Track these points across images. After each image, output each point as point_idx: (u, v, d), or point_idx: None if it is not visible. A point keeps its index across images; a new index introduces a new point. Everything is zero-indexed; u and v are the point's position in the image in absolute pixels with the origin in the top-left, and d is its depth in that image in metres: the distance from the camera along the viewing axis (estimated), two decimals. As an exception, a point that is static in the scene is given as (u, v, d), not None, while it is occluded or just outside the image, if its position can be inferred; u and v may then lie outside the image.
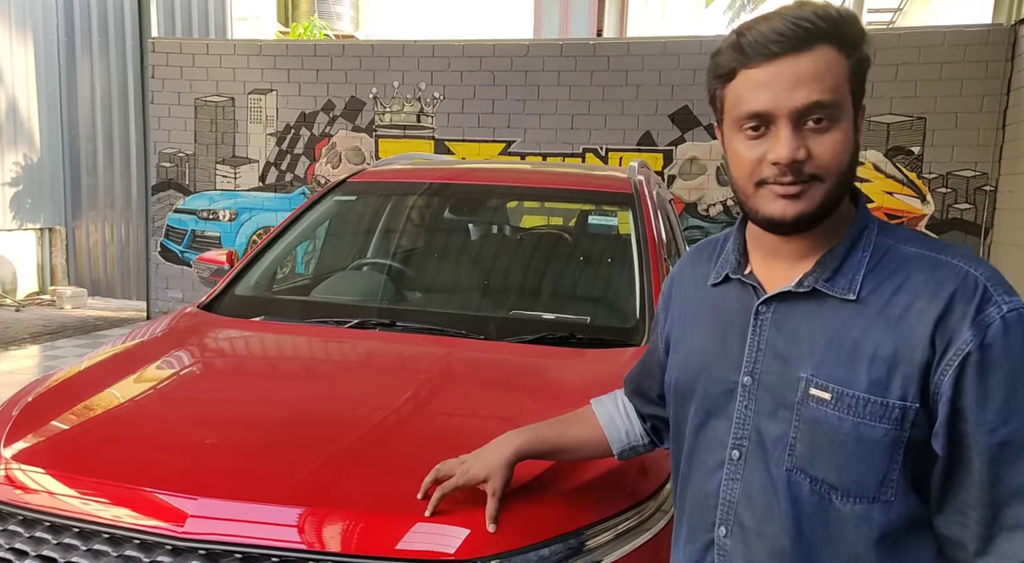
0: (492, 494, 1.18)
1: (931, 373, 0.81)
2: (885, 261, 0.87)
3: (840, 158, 0.84)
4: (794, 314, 0.88)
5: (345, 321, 2.08)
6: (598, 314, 2.25)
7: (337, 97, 6.11)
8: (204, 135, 6.41)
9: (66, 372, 1.81)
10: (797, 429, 0.87)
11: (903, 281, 0.84)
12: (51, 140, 7.98)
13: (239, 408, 1.66)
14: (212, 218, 6.53)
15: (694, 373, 0.98)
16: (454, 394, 1.73)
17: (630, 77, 5.61)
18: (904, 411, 0.81)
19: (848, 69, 0.84)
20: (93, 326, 6.84)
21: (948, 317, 0.80)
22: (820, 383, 0.85)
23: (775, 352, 0.89)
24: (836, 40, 0.83)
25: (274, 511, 1.23)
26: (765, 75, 0.83)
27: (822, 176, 0.84)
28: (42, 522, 1.28)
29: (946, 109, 5.09)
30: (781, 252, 0.91)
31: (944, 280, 0.82)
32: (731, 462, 0.92)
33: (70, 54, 8.02)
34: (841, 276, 0.86)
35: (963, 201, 5.16)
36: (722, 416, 0.94)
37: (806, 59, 0.82)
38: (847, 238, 0.88)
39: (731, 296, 0.96)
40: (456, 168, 2.99)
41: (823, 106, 0.82)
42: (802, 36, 0.81)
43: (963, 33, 5.06)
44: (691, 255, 1.08)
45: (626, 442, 1.19)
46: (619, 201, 2.59)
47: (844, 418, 0.83)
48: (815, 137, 0.83)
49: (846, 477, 0.84)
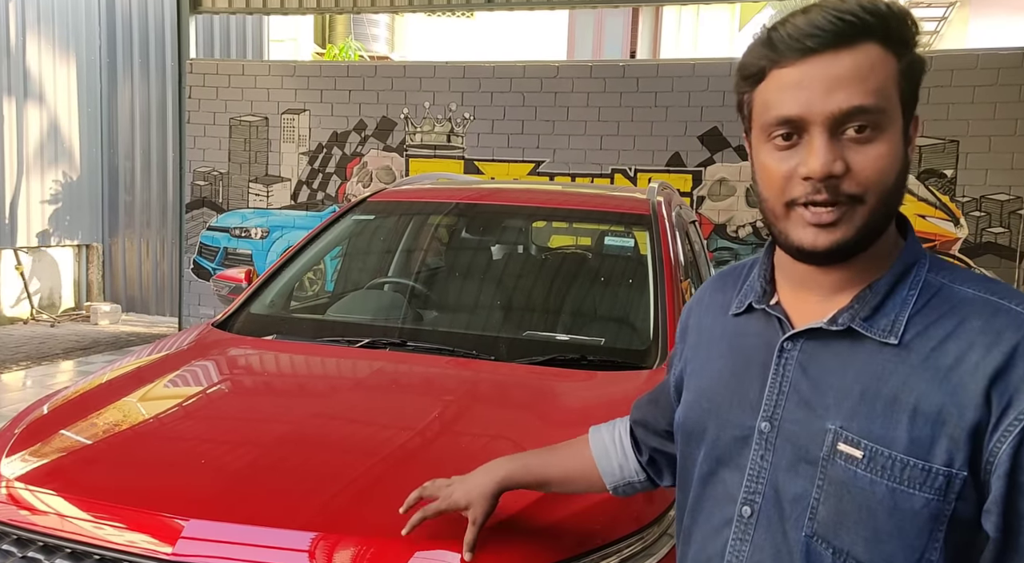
0: (472, 523, 1.12)
1: (985, 438, 0.69)
2: (935, 302, 0.74)
3: (885, 174, 0.72)
4: (824, 355, 0.77)
5: (356, 341, 2.07)
6: (611, 336, 2.23)
7: (369, 117, 6.21)
8: (238, 154, 6.54)
9: (73, 390, 1.82)
10: (821, 489, 0.75)
11: (955, 327, 0.72)
12: (91, 158, 8.20)
13: (238, 428, 1.65)
14: (244, 236, 6.64)
15: (704, 413, 0.87)
16: (459, 416, 1.71)
17: (659, 98, 5.63)
18: (949, 479, 0.69)
19: (897, 71, 0.72)
20: (125, 342, 6.97)
21: (1009, 373, 0.68)
22: (851, 438, 0.73)
23: (800, 397, 0.78)
24: (884, 37, 0.71)
25: (266, 533, 1.22)
26: (798, 74, 0.71)
27: (863, 196, 0.72)
28: (35, 542, 1.28)
29: (979, 132, 5.03)
30: (813, 283, 0.79)
31: (1005, 329, 0.70)
32: (740, 520, 0.81)
33: (111, 74, 8.27)
34: (882, 315, 0.75)
35: (997, 225, 5.07)
36: (734, 466, 0.82)
37: (847, 57, 0.70)
38: (892, 272, 0.76)
39: (753, 328, 0.84)
40: (475, 188, 3.01)
41: (865, 111, 0.70)
42: (844, 31, 0.70)
43: (996, 56, 5.00)
44: (714, 281, 0.97)
45: (620, 477, 1.09)
46: (637, 222, 2.58)
47: (877, 481, 0.71)
48: (856, 148, 0.71)
49: (875, 553, 0.72)
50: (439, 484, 1.18)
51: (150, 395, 1.78)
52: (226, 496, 1.31)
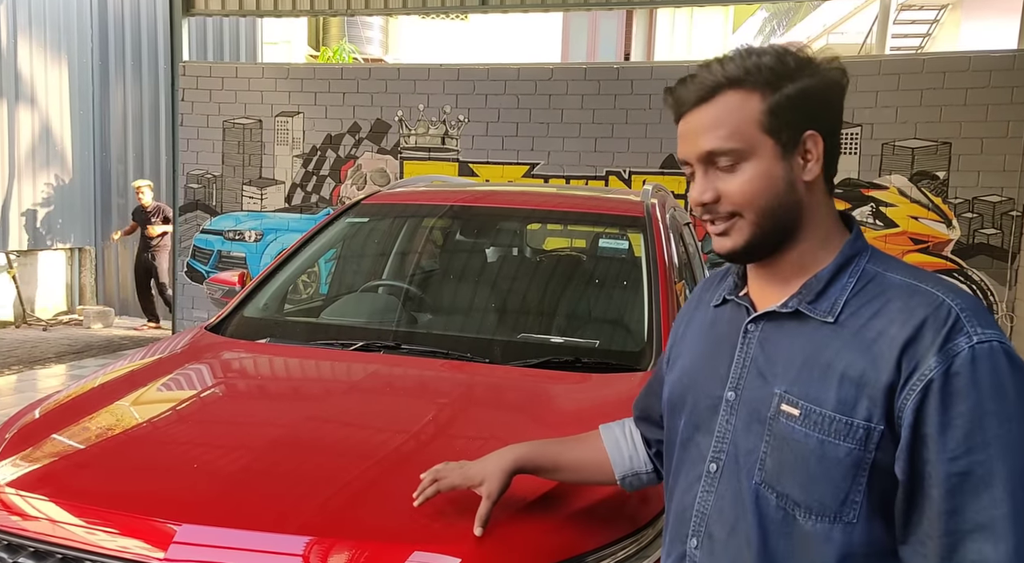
0: (487, 497, 1.19)
1: (895, 397, 0.82)
2: (869, 287, 0.88)
3: (752, 193, 0.88)
4: (777, 333, 0.92)
5: (350, 344, 2.06)
6: (606, 338, 2.23)
7: (363, 120, 6.20)
8: (231, 157, 6.52)
9: (65, 394, 1.81)
10: (768, 444, 0.89)
11: (881, 307, 0.86)
12: (83, 161, 8.17)
13: (231, 432, 1.64)
14: (238, 239, 6.62)
15: (685, 388, 1.01)
16: (454, 419, 1.71)
17: (653, 101, 5.64)
18: (868, 432, 0.83)
19: (764, 108, 0.87)
20: (118, 345, 6.94)
21: (916, 343, 0.82)
22: (791, 399, 0.87)
23: (757, 369, 0.92)
24: (740, 84, 0.88)
25: (260, 538, 1.21)
26: (683, 127, 0.92)
27: (739, 211, 0.89)
28: (26, 547, 1.27)
29: (971, 134, 5.05)
30: (764, 275, 0.95)
31: (917, 307, 0.84)
32: (708, 475, 0.95)
33: (104, 77, 8.24)
34: (824, 299, 0.89)
35: (989, 226, 5.10)
36: (706, 430, 0.96)
37: (708, 110, 0.89)
38: (834, 263, 0.91)
39: (727, 316, 1.00)
40: (469, 191, 3.00)
41: (719, 152, 0.88)
42: (704, 89, 0.89)
43: (988, 58, 5.03)
44: (705, 281, 1.13)
45: (629, 467, 1.19)
46: (631, 224, 2.58)
47: (810, 434, 0.85)
48: (723, 178, 0.89)
49: (809, 494, 0.85)
50: (451, 465, 1.24)
51: (143, 399, 1.77)
52: (219, 500, 1.30)
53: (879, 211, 5.28)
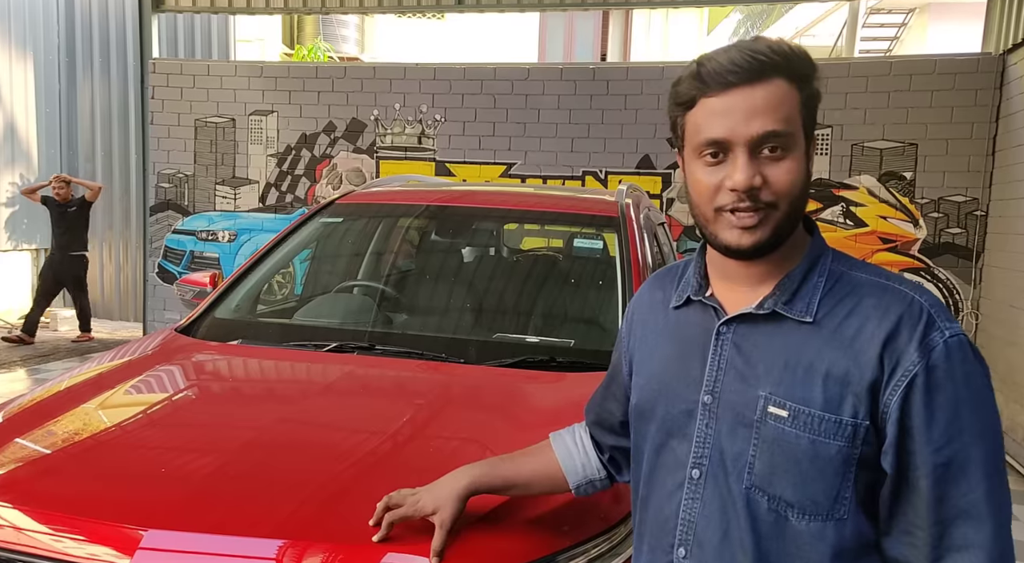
0: (440, 526, 1.16)
1: (880, 393, 0.84)
2: (839, 286, 0.90)
3: (794, 185, 0.87)
4: (754, 335, 0.91)
5: (323, 345, 2.05)
6: (581, 337, 2.23)
7: (338, 119, 6.16)
8: (204, 156, 6.44)
9: (29, 398, 1.77)
10: (756, 447, 0.88)
11: (855, 305, 0.88)
12: (49, 160, 8.01)
13: (201, 435, 1.61)
14: (211, 239, 6.54)
15: (654, 394, 0.99)
16: (429, 420, 1.70)
17: (629, 101, 5.68)
18: (855, 428, 0.84)
19: (800, 102, 0.87)
20: (87, 348, 6.81)
21: (896, 339, 0.84)
22: (778, 401, 0.87)
23: (736, 371, 0.91)
24: (788, 73, 0.86)
25: (230, 542, 1.20)
26: (723, 104, 0.86)
27: (777, 203, 0.87)
28: None
29: (937, 136, 5.16)
30: (740, 276, 0.93)
31: (891, 304, 0.86)
32: (691, 481, 0.93)
33: (71, 74, 8.09)
34: (799, 299, 0.89)
35: (955, 226, 5.21)
36: (682, 436, 0.95)
37: (761, 90, 0.85)
38: (804, 263, 0.91)
39: (692, 318, 0.98)
40: (444, 191, 2.99)
41: (777, 135, 0.85)
42: (757, 68, 0.85)
43: (953, 62, 5.14)
44: (652, 281, 1.10)
45: (582, 476, 1.18)
46: (606, 224, 2.58)
47: (801, 435, 0.85)
48: (770, 165, 0.86)
49: (802, 494, 0.86)
50: (404, 493, 1.21)
51: (110, 402, 1.74)
52: (188, 505, 1.29)
53: (849, 211, 5.37)
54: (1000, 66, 5.00)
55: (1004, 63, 4.99)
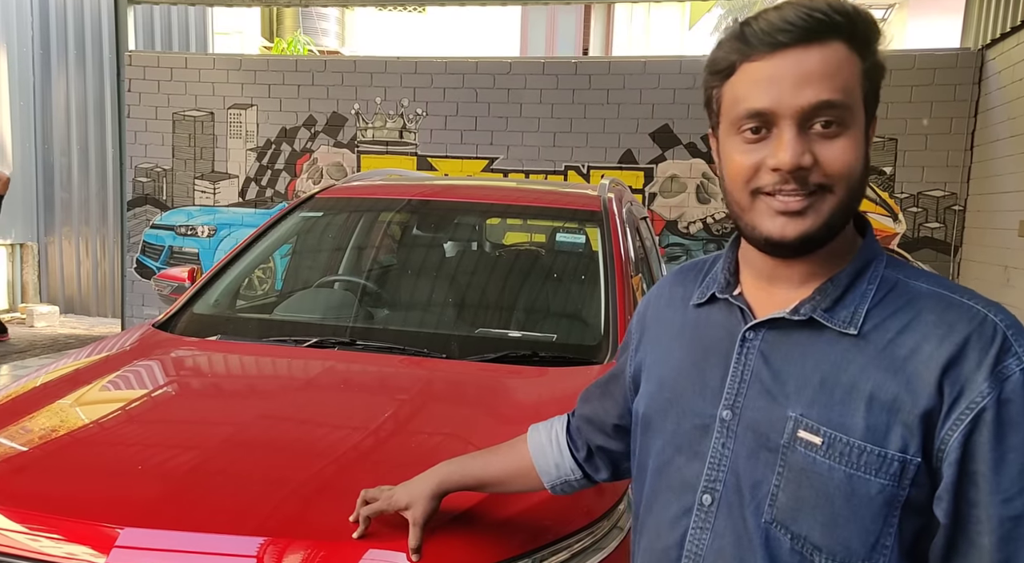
0: (413, 523, 1.13)
1: (937, 427, 0.70)
2: (892, 296, 0.76)
3: (851, 167, 0.73)
4: (786, 345, 0.78)
5: (303, 340, 2.02)
6: (563, 332, 2.23)
7: (319, 112, 6.10)
8: (182, 150, 6.35)
9: (4, 394, 1.74)
10: (781, 476, 0.76)
11: (911, 319, 0.74)
12: (24, 154, 7.86)
13: (180, 431, 1.59)
14: (190, 234, 6.45)
15: (665, 404, 0.87)
16: (411, 415, 1.69)
17: (612, 96, 5.68)
18: (904, 465, 0.71)
19: (861, 71, 0.74)
20: (63, 344, 6.71)
21: (960, 364, 0.70)
22: (810, 425, 0.74)
23: (761, 386, 0.78)
24: (850, 37, 0.73)
25: (209, 540, 1.18)
26: (769, 69, 0.73)
27: (831, 186, 0.73)
28: None
29: (917, 131, 5.21)
30: (777, 276, 0.80)
31: (957, 322, 0.72)
32: (701, 508, 0.81)
33: (45, 66, 7.94)
34: (843, 307, 0.76)
35: (933, 220, 5.27)
36: (692, 454, 0.82)
37: (816, 53, 0.72)
38: (853, 266, 0.78)
39: (715, 319, 0.85)
40: (426, 185, 2.97)
41: (833, 106, 0.72)
42: (813, 27, 0.72)
43: (932, 57, 5.19)
44: (674, 275, 0.97)
45: (556, 475, 1.09)
46: (588, 218, 2.58)
47: (835, 468, 0.73)
48: (823, 142, 0.73)
49: (832, 537, 0.73)
50: (382, 488, 1.20)
51: (86, 399, 1.71)
52: (165, 502, 1.27)
53: (830, 205, 5.41)
54: (979, 61, 5.06)
55: (983, 58, 5.04)
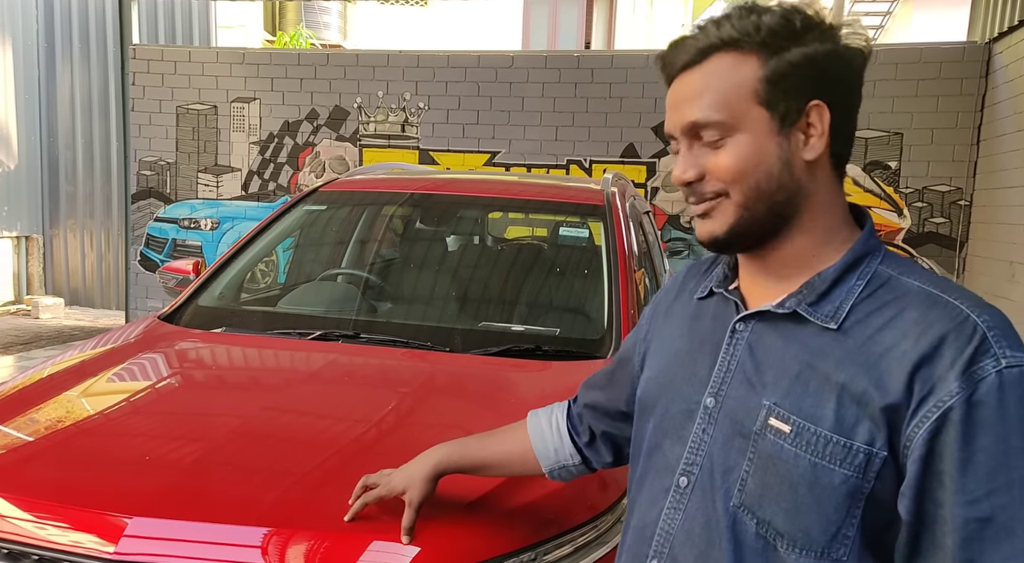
0: (408, 505, 1.15)
1: (903, 423, 0.71)
2: (881, 292, 0.76)
3: (741, 172, 0.77)
4: (770, 336, 0.80)
5: (308, 333, 2.04)
6: (566, 326, 2.23)
7: (321, 106, 6.10)
8: (186, 143, 6.36)
9: (11, 385, 1.75)
10: (751, 462, 0.78)
11: (894, 316, 0.74)
12: (29, 147, 7.88)
13: (185, 423, 1.60)
14: (193, 227, 6.47)
15: (659, 389, 0.91)
16: (414, 408, 1.70)
17: (614, 89, 5.66)
18: (869, 457, 0.72)
19: (762, 74, 0.76)
20: (69, 336, 6.74)
21: (933, 362, 0.70)
22: (782, 413, 0.76)
23: (744, 375, 0.81)
24: (735, 45, 0.76)
25: (216, 530, 1.19)
26: (670, 96, 0.82)
27: (727, 191, 0.78)
28: None
29: (922, 125, 5.18)
30: (753, 270, 0.85)
31: (937, 321, 0.72)
32: (677, 490, 0.84)
33: (50, 60, 7.94)
34: (827, 302, 0.78)
35: (939, 215, 5.25)
36: (676, 438, 0.86)
37: (696, 74, 0.78)
38: (842, 262, 0.79)
39: (712, 311, 0.89)
40: (429, 178, 2.97)
41: (704, 125, 0.77)
42: (693, 51, 0.78)
43: (939, 50, 5.16)
44: (688, 269, 1.01)
45: (555, 461, 1.11)
46: (591, 212, 2.58)
47: (801, 456, 0.74)
48: (710, 153, 0.78)
49: (794, 524, 0.75)
50: (382, 473, 1.21)
51: (93, 390, 1.72)
52: (172, 492, 1.28)
53: (833, 200, 5.39)
54: (986, 55, 5.03)
55: (990, 52, 5.01)
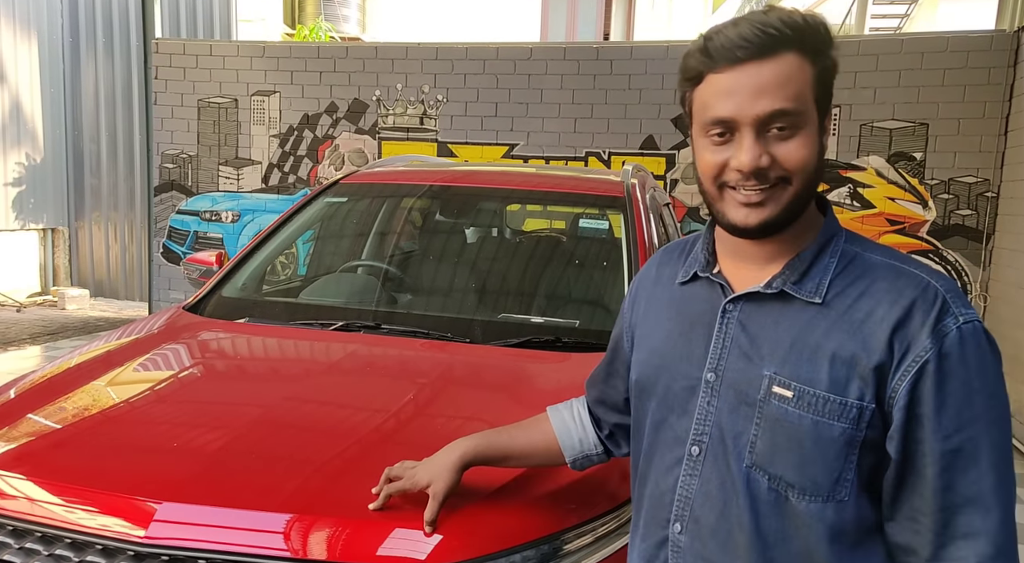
0: (433, 497, 1.17)
1: (888, 378, 0.83)
2: (851, 267, 0.88)
3: (806, 162, 0.85)
4: (760, 314, 0.90)
5: (329, 324, 2.05)
6: (586, 317, 2.23)
7: (340, 99, 6.12)
8: (207, 136, 6.41)
9: (40, 374, 1.78)
10: (759, 426, 0.88)
11: (867, 287, 0.86)
12: (55, 140, 7.99)
13: (211, 411, 1.63)
14: (215, 219, 6.53)
15: (655, 369, 0.98)
16: (434, 398, 1.71)
17: (633, 81, 5.62)
18: (860, 411, 0.83)
19: (813, 76, 0.85)
20: (94, 327, 6.85)
21: (907, 324, 0.83)
22: (783, 381, 0.86)
23: (740, 350, 0.90)
24: (800, 46, 0.84)
25: (238, 515, 1.21)
26: (730, 81, 0.84)
27: (789, 178, 0.85)
28: (4, 526, 1.26)
29: (948, 115, 5.09)
30: (748, 254, 0.92)
31: (905, 288, 0.85)
32: (690, 458, 0.93)
33: (74, 54, 8.04)
34: (809, 280, 0.88)
35: (965, 207, 5.16)
36: (683, 413, 0.94)
37: (769, 66, 0.83)
38: (816, 243, 0.90)
39: (698, 294, 0.97)
40: (449, 171, 2.97)
41: (785, 114, 0.83)
42: (766, 43, 0.83)
43: (966, 39, 5.06)
44: (660, 255, 1.09)
45: (579, 450, 1.18)
46: (611, 204, 2.57)
47: (804, 416, 0.85)
48: (779, 143, 0.85)
49: (803, 475, 0.85)
50: (405, 465, 1.22)
51: (120, 378, 1.75)
52: (200, 479, 1.30)
53: (856, 192, 5.32)
54: (1014, 44, 4.92)
55: (1018, 41, 4.91)
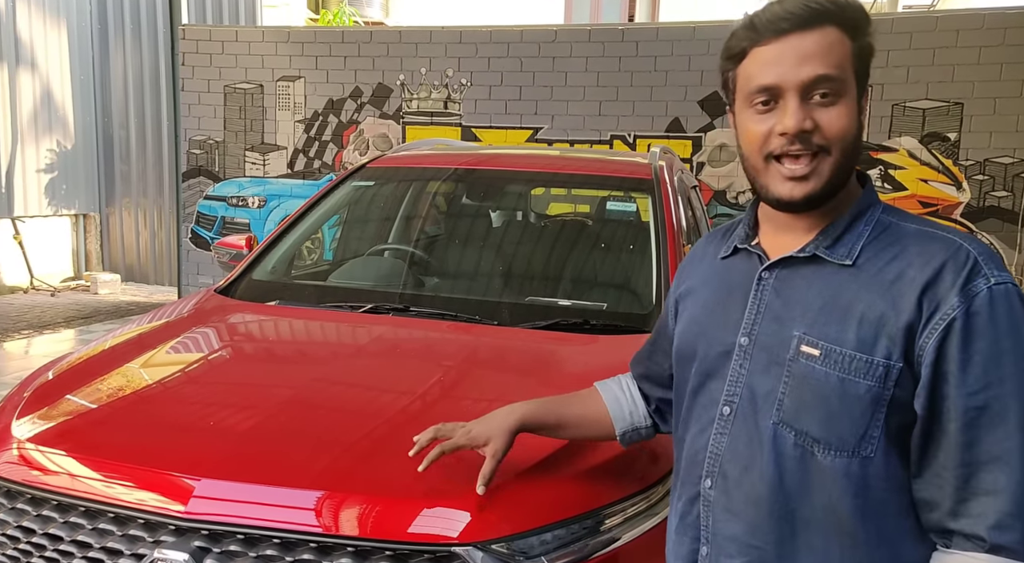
0: (491, 456, 1.19)
1: (916, 336, 0.85)
2: (885, 235, 0.91)
3: (846, 130, 0.88)
4: (794, 279, 0.93)
5: (359, 306, 2.08)
6: (614, 300, 2.23)
7: (365, 84, 6.13)
8: (233, 122, 6.47)
9: (78, 355, 1.82)
10: (787, 384, 0.90)
11: (899, 252, 0.89)
12: (85, 127, 8.11)
13: (245, 391, 1.66)
14: (241, 205, 6.60)
15: (694, 336, 1.03)
16: (462, 379, 1.72)
17: (659, 63, 5.55)
18: (888, 369, 0.85)
19: (852, 51, 0.89)
20: (126, 311, 6.98)
21: (937, 284, 0.85)
22: (811, 340, 0.89)
23: (773, 314, 0.93)
24: (841, 21, 0.88)
25: (276, 492, 1.24)
26: (774, 51, 0.88)
27: (829, 148, 0.88)
28: (49, 501, 1.30)
29: (984, 94, 4.96)
30: (789, 225, 0.95)
31: (937, 251, 0.87)
32: (721, 418, 0.96)
33: (103, 41, 8.14)
34: (841, 245, 0.91)
35: (1000, 188, 5.04)
36: (718, 376, 0.98)
37: (812, 36, 0.87)
38: (850, 213, 0.93)
39: (737, 266, 1.01)
40: (475, 154, 2.98)
41: (829, 79, 0.87)
42: (810, 16, 0.87)
43: (1003, 15, 4.92)
44: (707, 237, 1.14)
45: (629, 423, 1.21)
46: (639, 187, 2.57)
47: (830, 373, 0.87)
48: (821, 110, 0.88)
49: (829, 431, 0.88)
50: (454, 425, 1.24)
51: (155, 359, 1.78)
52: (236, 456, 1.33)
53: (888, 174, 5.23)
54: (1052, 20, 4.78)
55: (1057, 17, 4.77)
